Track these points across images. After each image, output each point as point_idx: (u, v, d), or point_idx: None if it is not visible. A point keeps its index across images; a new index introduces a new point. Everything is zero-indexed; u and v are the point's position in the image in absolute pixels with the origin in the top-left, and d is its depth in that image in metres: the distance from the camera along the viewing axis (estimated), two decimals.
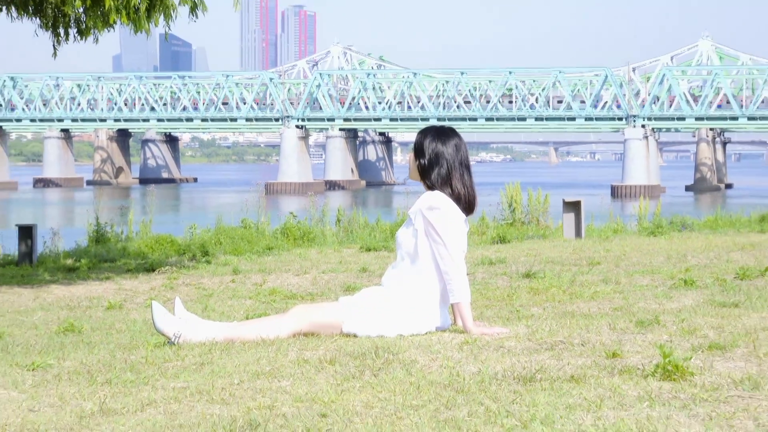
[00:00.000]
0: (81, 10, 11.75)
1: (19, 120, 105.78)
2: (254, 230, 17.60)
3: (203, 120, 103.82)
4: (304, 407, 4.00)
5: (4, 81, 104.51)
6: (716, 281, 8.21)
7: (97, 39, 12.41)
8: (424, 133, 5.88)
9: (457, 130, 5.97)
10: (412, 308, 5.63)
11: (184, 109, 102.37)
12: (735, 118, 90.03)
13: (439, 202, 5.62)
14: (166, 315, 5.74)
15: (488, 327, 5.69)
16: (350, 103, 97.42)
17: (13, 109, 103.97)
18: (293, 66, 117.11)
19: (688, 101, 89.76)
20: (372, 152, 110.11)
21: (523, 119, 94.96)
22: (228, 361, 4.99)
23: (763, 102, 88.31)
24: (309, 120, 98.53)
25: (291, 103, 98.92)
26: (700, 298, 7.10)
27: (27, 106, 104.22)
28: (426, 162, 5.76)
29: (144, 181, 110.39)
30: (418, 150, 5.81)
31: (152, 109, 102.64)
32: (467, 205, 5.74)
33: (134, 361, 5.18)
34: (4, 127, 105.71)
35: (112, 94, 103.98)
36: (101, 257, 14.67)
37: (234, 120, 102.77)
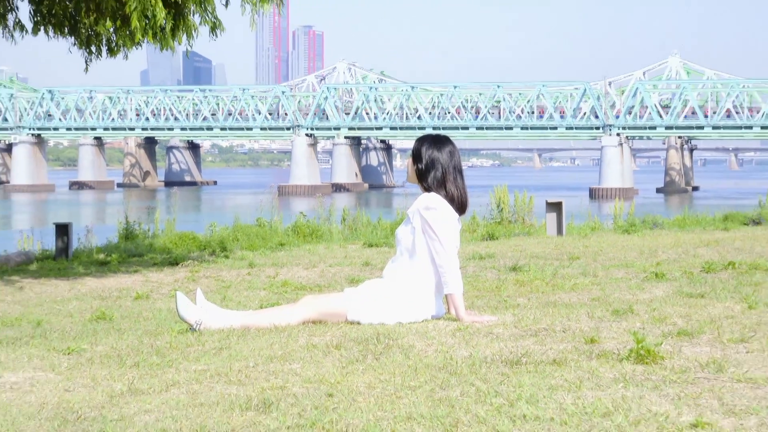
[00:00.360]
0: (111, 30, 11.74)
1: (56, 129, 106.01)
2: (268, 228, 17.60)
3: (222, 129, 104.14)
4: (312, 388, 4.00)
5: (43, 94, 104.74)
6: (684, 274, 8.21)
7: (126, 56, 12.41)
8: (421, 140, 5.89)
9: (451, 138, 5.97)
10: (410, 298, 5.62)
11: (205, 119, 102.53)
12: (701, 128, 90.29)
13: (435, 202, 5.62)
14: (189, 304, 5.73)
15: (479, 315, 5.68)
16: (354, 114, 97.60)
17: (51, 119, 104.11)
18: (303, 80, 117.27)
19: (658, 112, 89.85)
20: (374, 158, 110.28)
21: (510, 128, 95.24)
22: (244, 346, 4.98)
23: (726, 113, 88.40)
24: (317, 129, 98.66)
25: (301, 113, 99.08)
26: (670, 289, 7.10)
27: (63, 116, 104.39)
28: (423, 167, 5.75)
29: (168, 183, 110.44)
30: (416, 156, 5.80)
31: (176, 119, 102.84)
32: (460, 205, 5.74)
33: (159, 346, 5.17)
34: (43, 136, 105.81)
35: (140, 105, 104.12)
36: (130, 252, 14.67)
37: (250, 129, 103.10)
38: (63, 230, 15.33)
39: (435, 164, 5.75)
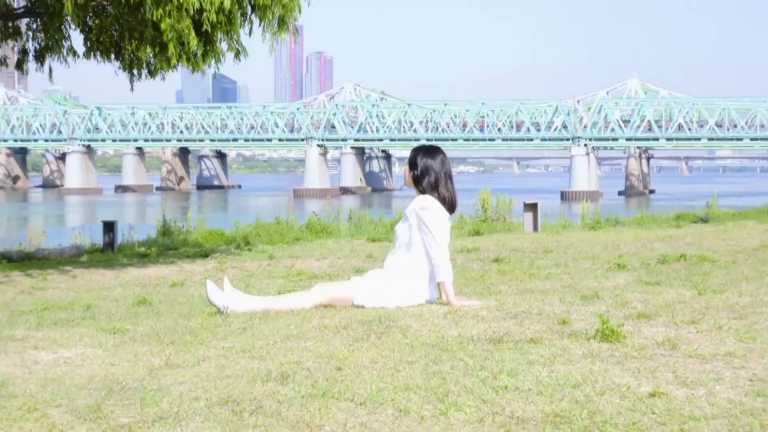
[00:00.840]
0: (151, 55, 11.76)
1: (103, 140, 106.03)
2: (285, 225, 17.63)
3: (245, 140, 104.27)
4: (323, 362, 4.01)
5: (92, 110, 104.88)
6: (642, 265, 8.21)
7: (164, 77, 12.42)
8: (416, 150, 5.89)
9: (442, 148, 5.97)
10: (407, 286, 5.62)
11: (231, 131, 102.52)
12: (656, 139, 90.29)
13: (429, 203, 5.63)
14: (217, 290, 5.74)
15: (466, 300, 5.68)
16: (359, 128, 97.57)
17: (98, 132, 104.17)
18: (315, 98, 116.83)
19: (620, 126, 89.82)
20: (376, 165, 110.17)
21: (493, 140, 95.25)
22: (265, 327, 4.99)
23: (678, 126, 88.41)
24: (327, 140, 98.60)
25: (313, 127, 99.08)
26: (630, 278, 7.10)
27: (109, 129, 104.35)
28: (419, 173, 5.76)
29: (200, 187, 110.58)
30: (412, 163, 5.81)
31: (206, 131, 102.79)
32: (450, 206, 5.75)
33: (192, 327, 5.17)
34: (92, 146, 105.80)
35: (175, 120, 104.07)
36: (167, 246, 14.69)
37: (269, 140, 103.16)
38: (109, 227, 15.37)
39: (429, 171, 5.75)
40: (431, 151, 5.87)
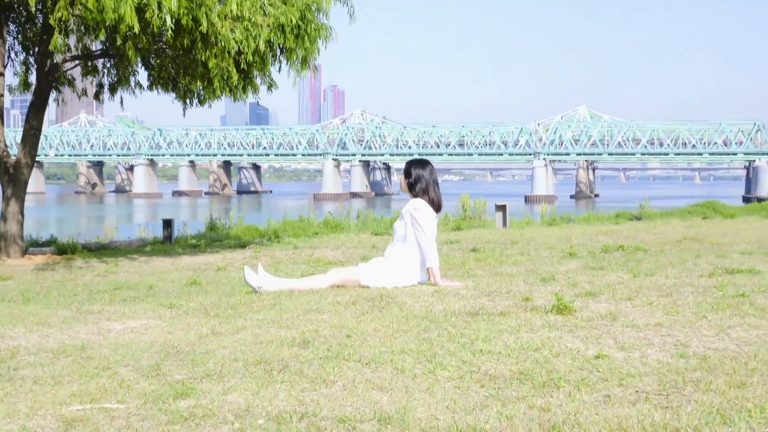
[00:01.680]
0: (200, 87, 11.75)
1: (163, 155, 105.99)
2: (306, 222, 17.60)
3: (275, 155, 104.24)
4: (336, 331, 4.00)
5: (155, 131, 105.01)
6: (589, 254, 8.20)
7: (210, 105, 12.41)
8: (410, 162, 5.89)
9: (430, 160, 5.97)
10: (403, 270, 5.61)
11: (264, 148, 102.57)
12: (600, 154, 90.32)
13: (421, 205, 5.63)
14: (253, 274, 5.73)
15: (450, 282, 5.67)
16: (365, 145, 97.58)
17: (159, 148, 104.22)
18: (330, 122, 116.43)
19: (571, 143, 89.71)
20: (378, 175, 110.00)
21: (471, 155, 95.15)
22: (290, 303, 4.98)
23: (617, 144, 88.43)
24: (340, 155, 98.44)
25: (329, 144, 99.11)
26: (579, 264, 7.09)
27: (168, 146, 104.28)
28: (412, 180, 5.75)
29: (239, 192, 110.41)
30: (407, 173, 5.81)
31: (244, 148, 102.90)
32: (437, 207, 5.75)
33: (233, 303, 5.17)
34: (154, 159, 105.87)
35: (220, 139, 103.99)
36: (213, 239, 14.68)
37: (294, 155, 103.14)
38: (167, 224, 15.36)
39: (420, 179, 5.75)
40: (422, 163, 5.87)
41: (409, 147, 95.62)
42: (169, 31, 9.75)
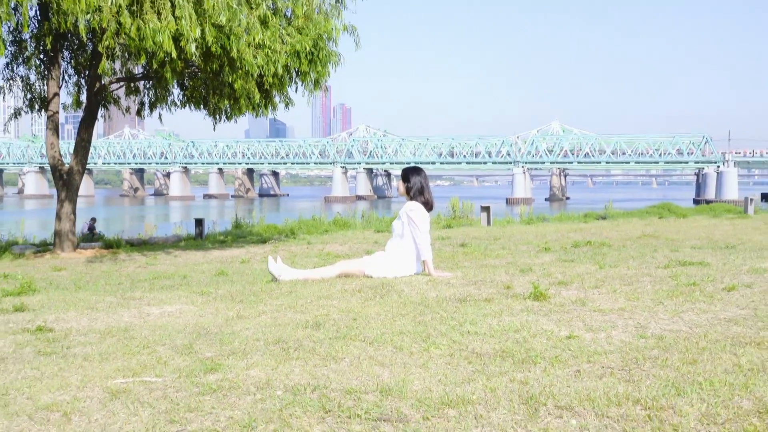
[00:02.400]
0: (228, 106, 11.76)
1: (195, 163, 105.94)
2: (318, 221, 17.59)
3: (292, 163, 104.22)
4: (344, 314, 3.99)
5: (188, 143, 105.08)
6: (561, 248, 8.19)
7: (236, 120, 12.43)
8: (406, 170, 5.88)
9: (423, 168, 5.96)
10: (401, 263, 5.60)
11: (282, 157, 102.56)
12: (571, 162, 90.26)
13: (416, 206, 5.62)
14: (274, 264, 5.73)
15: (442, 272, 5.66)
16: (369, 155, 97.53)
17: (192, 158, 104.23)
18: (339, 135, 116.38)
19: (546, 153, 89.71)
20: (380, 180, 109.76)
21: (459, 163, 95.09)
22: (304, 290, 4.97)
23: (585, 154, 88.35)
24: (347, 163, 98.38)
25: (338, 154, 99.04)
26: (553, 257, 7.08)
27: (199, 156, 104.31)
28: (409, 185, 5.74)
29: (261, 195, 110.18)
30: (404, 178, 5.80)
31: (265, 157, 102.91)
32: (430, 207, 5.74)
33: (255, 290, 5.16)
34: (188, 167, 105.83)
35: (244, 149, 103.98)
36: (238, 235, 14.68)
37: (308, 163, 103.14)
38: (199, 222, 15.36)
39: (415, 183, 5.74)
40: (416, 170, 5.85)
41: (407, 156, 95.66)
42: (201, 57, 9.75)
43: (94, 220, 19.19)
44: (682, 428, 2.16)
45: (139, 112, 13.61)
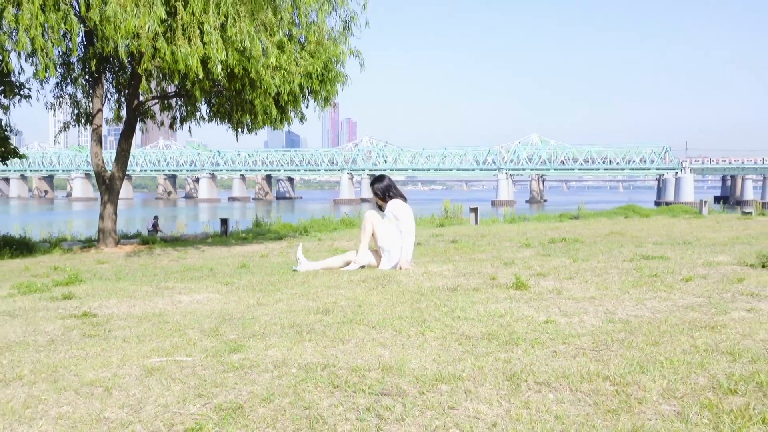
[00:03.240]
0: (248, 120, 11.75)
1: (220, 170, 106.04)
2: (328, 221, 17.57)
3: (305, 170, 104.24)
4: (350, 302, 3.97)
5: (215, 153, 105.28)
6: (540, 244, 8.17)
7: (256, 133, 12.41)
8: (373, 183, 5.85)
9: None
10: (389, 256, 5.59)
11: (296, 165, 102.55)
12: (548, 169, 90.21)
13: (398, 204, 5.62)
14: (301, 252, 5.87)
15: (414, 265, 5.59)
16: (372, 163, 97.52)
17: (218, 165, 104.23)
18: (346, 145, 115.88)
19: (526, 161, 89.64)
20: None
21: (451, 170, 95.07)
22: (316, 281, 4.96)
23: (560, 162, 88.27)
24: (353, 170, 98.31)
25: (345, 162, 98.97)
26: (534, 252, 7.06)
27: (224, 163, 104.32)
28: (380, 194, 5.75)
29: (278, 198, 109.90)
30: (376, 193, 5.79)
31: (281, 165, 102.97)
32: (404, 199, 5.73)
33: (273, 281, 5.15)
34: (215, 174, 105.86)
35: (263, 158, 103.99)
36: (258, 233, 14.67)
37: (319, 170, 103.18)
38: (224, 222, 15.36)
39: (385, 189, 5.73)
40: (380, 178, 5.82)
41: (405, 164, 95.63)
42: (225, 78, 9.75)
43: (156, 218, 18.83)
44: (646, 402, 2.15)
45: (171, 126, 13.61)
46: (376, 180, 5.80)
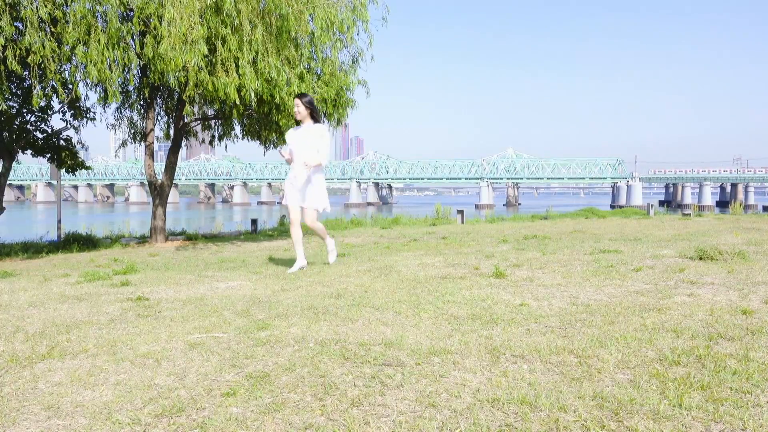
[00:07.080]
0: (275, 137, 11.74)
1: (251, 179, 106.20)
2: (339, 221, 17.53)
3: None
4: (358, 288, 3.95)
5: (247, 164, 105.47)
6: (515, 240, 8.13)
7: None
8: (301, 96, 4.74)
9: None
10: (321, 194, 5.07)
11: None
12: (521, 178, 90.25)
13: (325, 130, 4.64)
14: (331, 244, 5.51)
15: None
16: (376, 173, 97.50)
17: (249, 174, 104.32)
18: (354, 158, 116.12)
19: (504, 171, 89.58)
20: (384, 191, 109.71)
21: (441, 179, 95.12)
22: (329, 270, 4.95)
23: (532, 171, 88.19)
24: (360, 179, 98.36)
25: (353, 172, 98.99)
26: (510, 246, 7.03)
27: (254, 173, 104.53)
28: (312, 108, 4.78)
29: None
30: (307, 104, 4.72)
31: None
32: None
33: (295, 272, 5.11)
34: (246, 181, 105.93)
35: (287, 168, 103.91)
36: (282, 231, 14.61)
37: (332, 179, 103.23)
38: (254, 222, 15.33)
39: (315, 107, 4.80)
40: (303, 95, 4.79)
41: (403, 173, 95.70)
42: (256, 103, 9.74)
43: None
44: (604, 371, 2.14)
45: (211, 142, 13.61)
46: (304, 95, 4.73)
